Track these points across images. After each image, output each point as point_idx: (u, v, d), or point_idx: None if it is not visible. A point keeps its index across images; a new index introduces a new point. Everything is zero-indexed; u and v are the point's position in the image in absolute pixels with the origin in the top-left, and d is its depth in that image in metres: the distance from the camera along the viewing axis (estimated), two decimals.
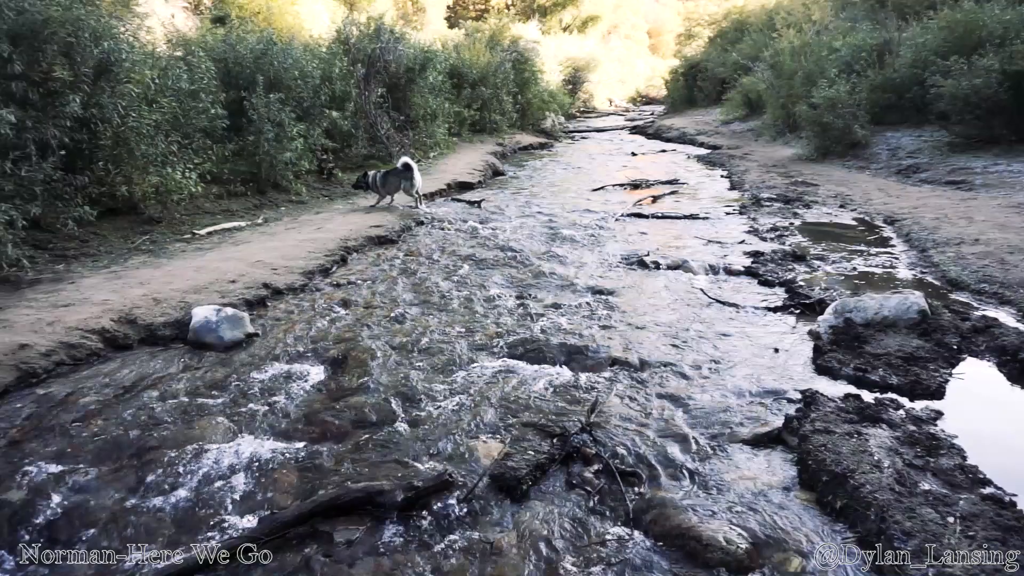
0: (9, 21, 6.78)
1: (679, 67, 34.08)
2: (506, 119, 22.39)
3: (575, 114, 34.93)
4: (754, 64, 20.11)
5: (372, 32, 14.96)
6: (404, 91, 15.59)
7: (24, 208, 6.52)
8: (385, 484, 3.28)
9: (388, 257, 7.80)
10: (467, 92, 20.04)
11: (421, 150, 15.54)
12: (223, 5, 17.78)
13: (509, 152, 19.48)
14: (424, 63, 16.05)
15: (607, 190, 12.82)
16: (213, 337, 5.13)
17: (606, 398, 4.22)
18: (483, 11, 43.42)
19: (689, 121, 25.95)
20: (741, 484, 3.37)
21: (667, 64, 44.25)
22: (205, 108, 9.59)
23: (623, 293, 6.40)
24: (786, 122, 17.15)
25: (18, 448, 3.75)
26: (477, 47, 22.79)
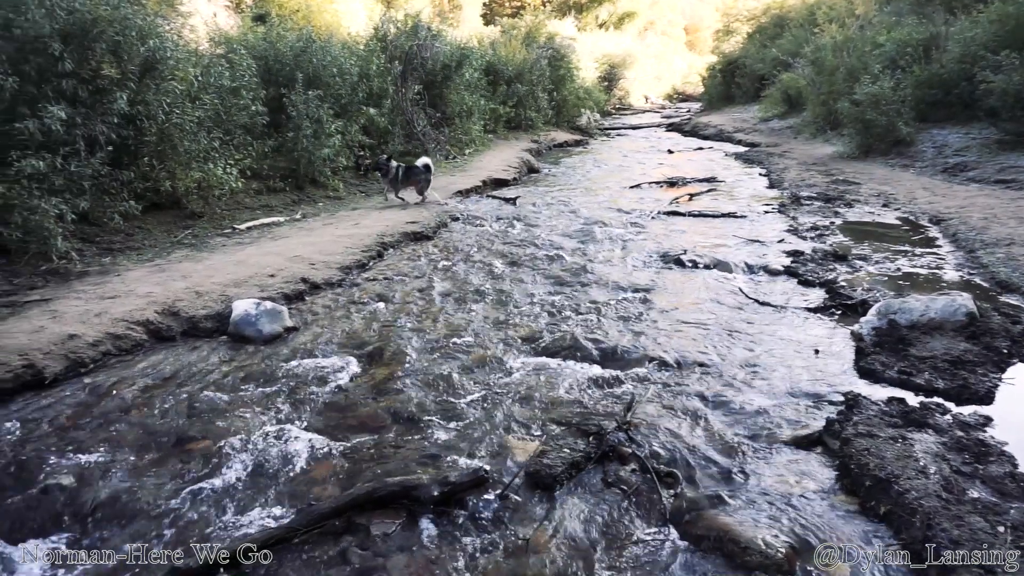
0: (60, 20, 6.97)
1: (716, 63, 33.63)
2: (541, 116, 22.35)
3: (610, 111, 34.74)
4: (794, 60, 19.76)
5: (409, 29, 15.06)
6: (440, 88, 15.67)
7: (73, 202, 6.71)
8: (421, 478, 3.29)
9: (423, 253, 7.84)
10: (503, 89, 20.06)
11: (456, 147, 15.62)
12: (264, 3, 18.04)
13: (544, 149, 19.44)
14: (460, 60, 16.11)
15: (643, 188, 12.71)
16: (252, 330, 5.22)
17: (642, 397, 4.19)
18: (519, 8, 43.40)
19: (726, 118, 25.61)
20: (780, 487, 3.31)
21: (704, 60, 43.73)
22: (246, 105, 9.76)
23: (659, 292, 6.33)
24: (827, 119, 16.82)
25: (67, 435, 3.86)
26: (513, 44, 22.80)
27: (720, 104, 30.88)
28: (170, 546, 2.99)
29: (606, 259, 7.50)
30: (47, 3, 6.89)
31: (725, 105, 30.14)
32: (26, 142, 6.44)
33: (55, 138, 6.62)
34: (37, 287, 5.99)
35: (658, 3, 56.50)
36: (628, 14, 50.67)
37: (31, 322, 4.98)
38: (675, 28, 60.36)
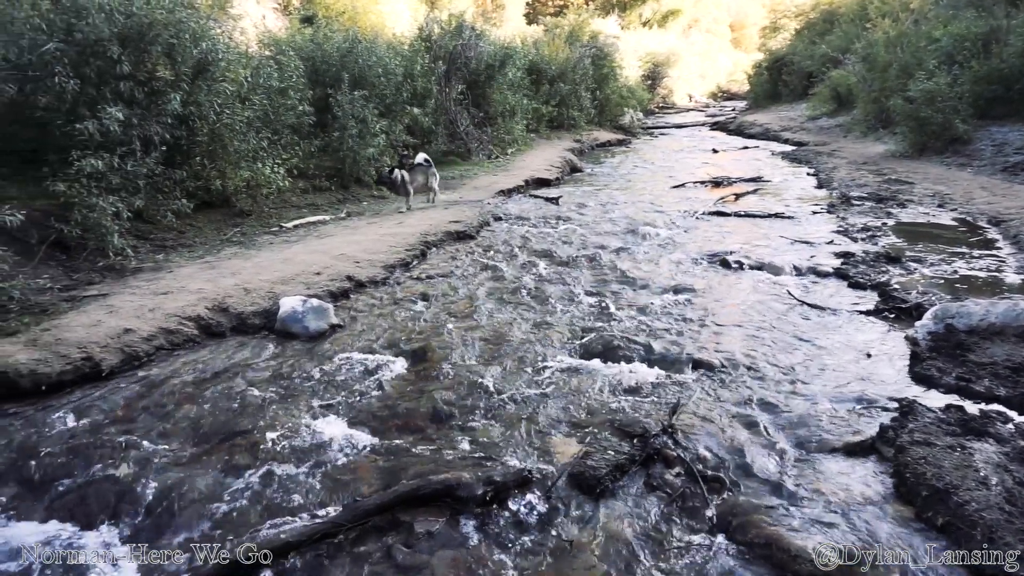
0: (119, 24, 7.19)
1: (763, 61, 33.05)
2: (584, 115, 22.25)
3: (654, 110, 34.39)
4: (844, 57, 19.30)
5: (454, 29, 15.13)
6: (483, 88, 15.72)
7: (129, 200, 6.91)
8: (465, 477, 3.30)
9: (466, 252, 7.87)
10: (545, 88, 20.03)
11: (499, 146, 15.65)
12: (311, 5, 18.34)
13: (587, 148, 19.35)
14: (504, 60, 16.14)
15: (687, 188, 12.56)
16: (299, 327, 5.30)
17: (688, 400, 4.12)
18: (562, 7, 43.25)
19: (773, 117, 25.13)
20: (832, 494, 3.22)
21: (750, 58, 42.99)
22: (293, 105, 9.93)
23: (705, 293, 6.24)
24: (878, 117, 16.37)
25: (123, 426, 3.98)
26: (556, 43, 22.74)
27: (766, 102, 30.31)
28: (219, 537, 3.05)
29: (650, 259, 7.43)
30: (107, 8, 7.12)
31: (771, 103, 29.58)
32: (86, 142, 6.65)
33: (113, 138, 6.83)
34: (95, 282, 6.18)
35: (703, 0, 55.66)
36: (672, 12, 50.04)
37: (89, 316, 5.15)
38: (720, 25, 59.36)
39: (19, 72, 6.74)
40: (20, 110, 6.91)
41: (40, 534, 3.08)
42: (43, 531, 3.10)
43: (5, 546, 2.98)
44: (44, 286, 5.71)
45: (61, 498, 3.34)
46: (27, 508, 3.25)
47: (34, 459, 3.61)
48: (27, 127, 7.11)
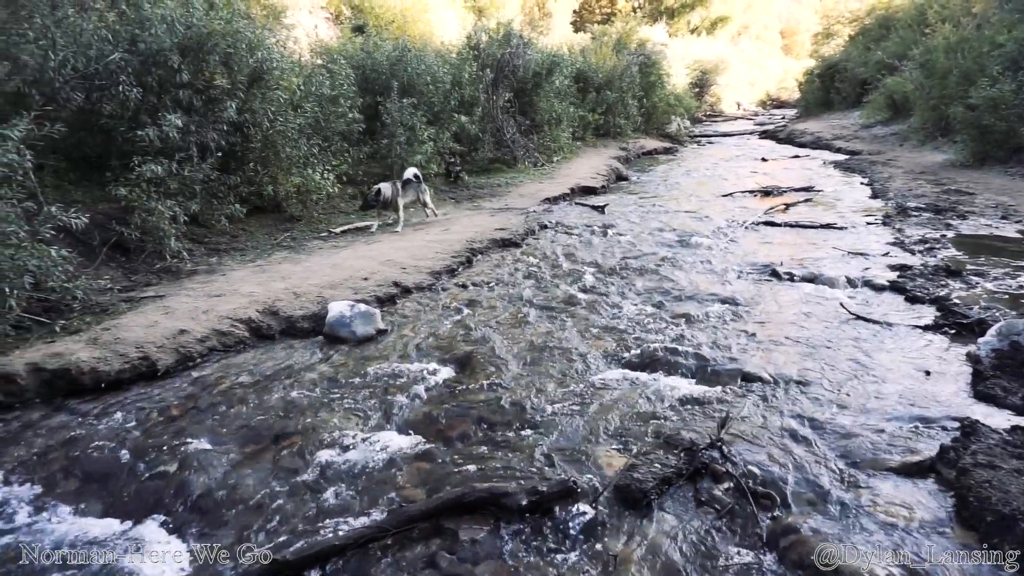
0: (179, 35, 7.44)
1: (814, 68, 32.36)
2: (630, 123, 22.12)
3: (701, 118, 34.02)
4: (901, 63, 18.77)
5: (502, 38, 15.21)
6: (530, 95, 15.76)
7: (185, 205, 7.13)
8: (510, 486, 3.29)
9: (512, 260, 7.88)
10: (592, 96, 19.97)
11: (545, 154, 15.66)
12: (361, 15, 18.68)
13: (633, 157, 19.22)
14: (551, 67, 16.16)
15: (735, 197, 12.35)
16: (347, 331, 5.37)
17: (737, 413, 4.04)
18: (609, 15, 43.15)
19: (824, 125, 24.57)
20: (888, 516, 3.11)
21: (801, 65, 42.18)
22: (343, 113, 10.11)
23: (754, 304, 6.12)
24: (936, 125, 15.88)
25: (176, 424, 4.09)
26: (603, 51, 22.66)
27: (817, 110, 29.68)
28: (267, 538, 3.10)
29: (697, 269, 7.32)
30: (168, 19, 7.38)
31: (823, 111, 28.96)
32: (146, 148, 6.90)
33: (171, 145, 7.07)
34: (152, 284, 6.38)
35: (753, 7, 54.87)
36: (721, 19, 49.50)
37: (146, 317, 5.31)
38: (770, 32, 58.49)
39: (86, 81, 7.03)
40: (87, 117, 7.20)
41: (99, 528, 3.17)
42: (101, 525, 3.20)
43: (67, 539, 3.08)
44: (105, 287, 5.92)
45: (117, 493, 3.46)
46: (87, 502, 3.37)
47: (94, 454, 3.74)
48: (93, 134, 7.40)
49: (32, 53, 6.48)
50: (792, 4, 61.64)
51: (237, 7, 9.03)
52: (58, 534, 3.12)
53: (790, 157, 18.87)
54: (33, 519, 3.23)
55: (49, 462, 3.67)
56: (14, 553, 2.97)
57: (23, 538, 3.09)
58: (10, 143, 5.01)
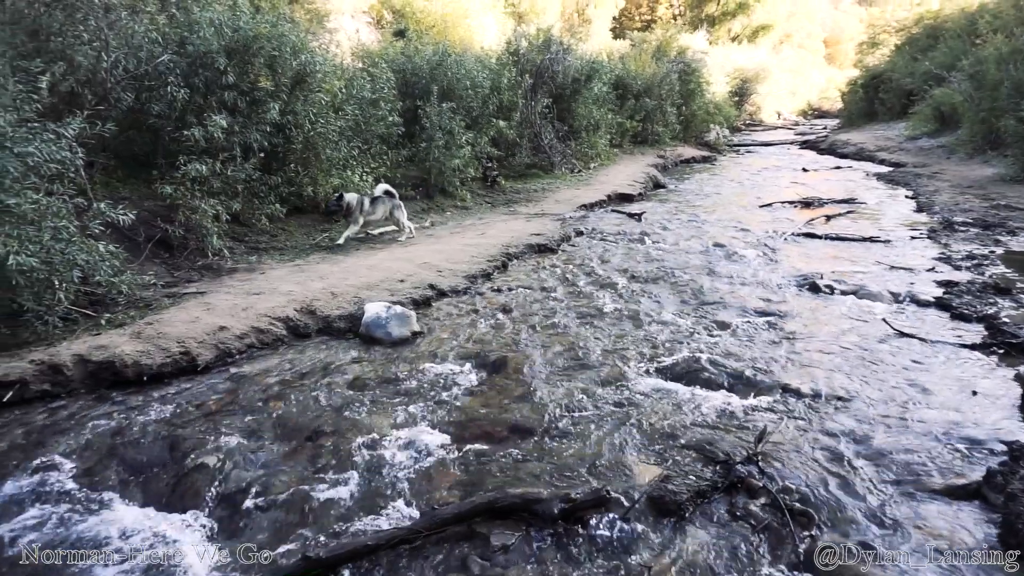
0: (226, 38, 7.61)
1: (858, 78, 31.74)
2: (668, 131, 21.97)
3: (740, 127, 33.63)
4: (949, 74, 18.29)
5: (541, 44, 15.24)
6: (569, 101, 15.76)
7: (228, 204, 7.28)
8: (543, 493, 3.27)
9: (547, 265, 7.86)
10: (630, 103, 19.88)
11: (582, 160, 15.64)
12: (402, 19, 18.89)
13: (670, 164, 19.06)
14: (590, 74, 16.13)
15: (775, 207, 12.15)
16: (382, 332, 5.41)
17: (775, 428, 3.96)
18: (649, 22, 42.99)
19: (868, 136, 24.07)
20: (931, 540, 3.02)
21: (844, 75, 41.46)
22: (383, 116, 10.21)
23: (793, 317, 6.00)
24: (986, 138, 15.42)
25: (214, 419, 4.16)
26: (643, 58, 22.57)
27: (860, 121, 29.10)
28: (301, 534, 3.13)
29: (735, 280, 7.21)
30: (216, 22, 7.55)
31: (866, 122, 28.37)
32: (192, 148, 7.05)
33: (216, 144, 7.21)
34: (194, 280, 6.51)
35: (796, 15, 54.05)
36: (763, 27, 48.88)
37: (188, 312, 5.41)
38: (813, 41, 57.54)
39: (136, 82, 7.21)
40: (136, 117, 7.39)
41: (138, 517, 3.24)
42: (141, 515, 3.26)
43: (108, 526, 3.14)
44: (149, 282, 6.05)
45: (157, 484, 3.53)
46: (129, 491, 3.45)
47: (135, 445, 3.82)
48: (141, 133, 7.60)
49: (86, 54, 6.67)
50: (836, 13, 60.65)
51: (282, 11, 9.20)
52: (99, 522, 3.19)
53: (832, 168, 18.51)
54: (77, 506, 3.30)
55: (93, 451, 3.76)
56: (57, 538, 3.05)
57: (66, 524, 3.16)
58: (64, 141, 5.17)
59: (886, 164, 18.19)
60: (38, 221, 4.78)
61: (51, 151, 4.98)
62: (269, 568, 2.89)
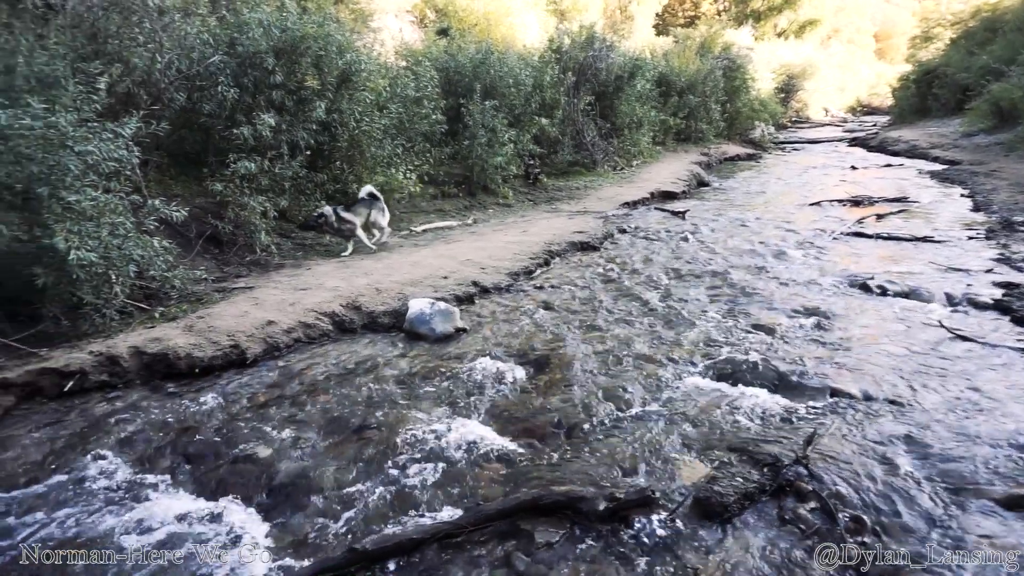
0: (275, 38, 7.75)
1: (910, 73, 30.80)
2: (712, 128, 21.67)
3: (786, 124, 32.95)
4: (1009, 68, 17.65)
5: (584, 41, 15.16)
6: (611, 99, 15.66)
7: (275, 201, 7.42)
8: (587, 491, 3.25)
9: (590, 263, 7.82)
10: (674, 100, 19.67)
11: (624, 158, 15.52)
12: (445, 18, 18.99)
13: (714, 162, 18.78)
14: (633, 71, 15.99)
15: (823, 206, 11.87)
16: (426, 328, 5.45)
17: (826, 431, 3.87)
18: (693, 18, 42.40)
19: (920, 133, 23.35)
20: (991, 550, 2.91)
21: (896, 70, 40.24)
22: (427, 114, 10.28)
23: (843, 318, 5.85)
24: None
25: (263, 411, 4.24)
26: (686, 54, 22.29)
27: (912, 117, 28.24)
28: (347, 526, 3.18)
29: (782, 279, 7.07)
30: (265, 23, 7.69)
31: (918, 118, 27.52)
32: (241, 146, 7.20)
33: (264, 143, 7.35)
34: (242, 275, 6.66)
35: (845, 9, 52.69)
36: (811, 21, 47.77)
37: (237, 307, 5.54)
38: (863, 35, 56.01)
39: (189, 82, 7.40)
40: (188, 116, 7.58)
41: (189, 505, 3.33)
42: (191, 503, 3.35)
43: (160, 513, 3.24)
44: (200, 277, 6.20)
45: (208, 473, 3.61)
46: (181, 481, 3.54)
47: (187, 436, 3.92)
48: (193, 132, 7.79)
49: (141, 56, 6.86)
50: (888, 6, 58.92)
51: (328, 11, 9.33)
52: (152, 508, 3.28)
53: (882, 166, 18.00)
54: (131, 493, 3.41)
55: (148, 440, 3.87)
56: (113, 522, 3.15)
57: (121, 509, 3.26)
58: (121, 140, 5.32)
59: (940, 162, 17.61)
60: (97, 217, 4.93)
61: (109, 150, 5.14)
62: (317, 558, 2.94)
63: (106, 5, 6.85)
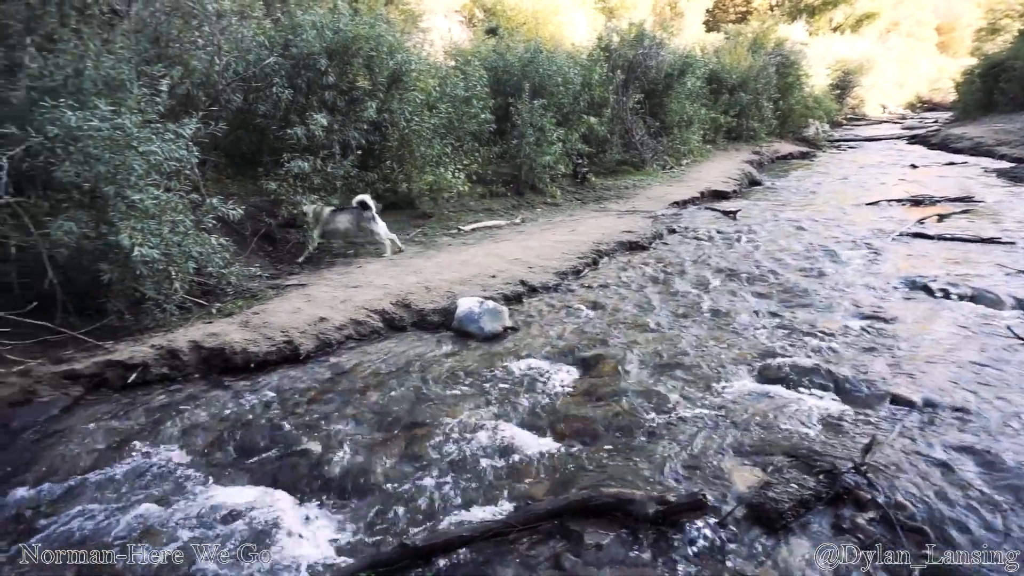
0: (328, 40, 7.89)
1: (975, 67, 29.56)
2: (764, 126, 21.22)
3: (841, 121, 32.06)
4: None
5: (633, 39, 15.01)
6: (661, 97, 15.48)
7: (327, 199, 7.54)
8: (637, 493, 3.22)
9: (638, 263, 7.74)
10: (724, 98, 19.33)
11: (674, 156, 15.33)
12: (494, 18, 19.05)
13: (766, 161, 18.39)
14: (683, 68, 15.77)
15: (880, 206, 11.49)
16: (475, 327, 5.47)
17: (885, 438, 3.75)
18: (745, 13, 41.61)
19: (985, 129, 22.42)
20: None
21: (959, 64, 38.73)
22: (476, 113, 10.32)
23: (902, 322, 5.66)
24: None
25: (315, 407, 4.32)
26: (738, 51, 21.86)
27: (977, 113, 27.11)
28: (396, 522, 3.21)
29: (838, 281, 6.86)
30: (318, 25, 7.83)
31: (983, 114, 26.41)
32: (294, 146, 7.35)
33: (317, 142, 7.50)
34: (295, 273, 6.80)
35: (904, 2, 50.95)
36: (868, 15, 46.32)
37: (290, 303, 5.65)
38: (924, 28, 54.05)
39: (245, 83, 7.58)
40: (244, 117, 7.78)
41: (244, 496, 3.40)
42: (246, 494, 3.43)
43: (216, 503, 3.32)
44: (254, 274, 6.35)
45: (262, 466, 3.69)
46: (238, 472, 3.63)
47: (242, 429, 4.02)
48: (248, 132, 7.99)
49: (200, 59, 7.07)
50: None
51: (379, 12, 9.45)
52: (209, 498, 3.37)
53: (944, 164, 17.34)
54: (189, 483, 3.51)
55: (206, 432, 3.99)
56: (173, 509, 3.25)
57: (178, 499, 3.36)
58: (181, 140, 5.49)
59: (1007, 160, 16.89)
60: (159, 215, 5.10)
61: (171, 150, 5.30)
62: (368, 553, 2.97)
63: (168, 10, 7.08)
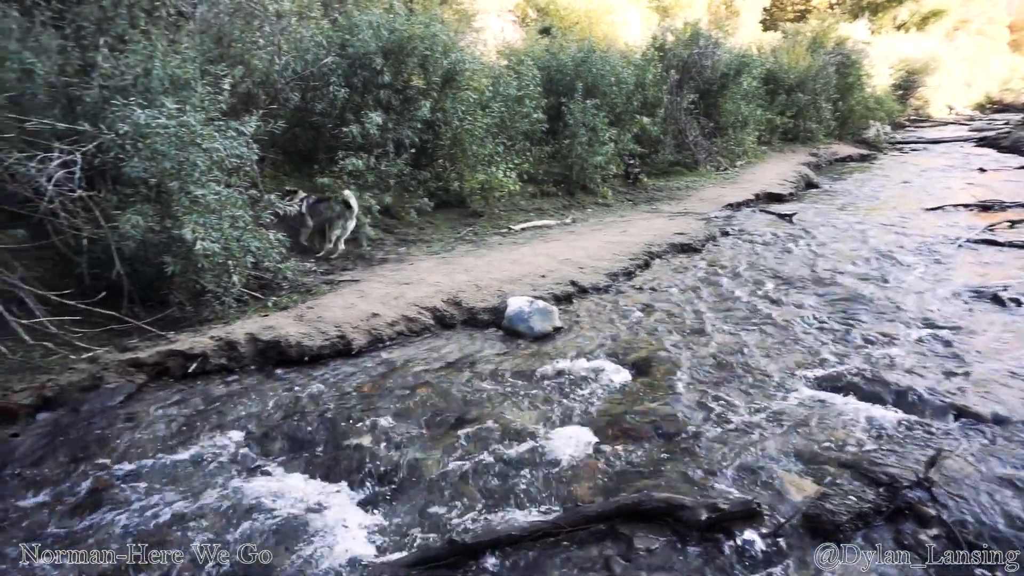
0: (383, 39, 8.00)
1: None
2: (823, 127, 20.66)
3: (904, 123, 30.97)
4: None
5: (688, 38, 14.80)
6: (715, 97, 15.22)
7: (380, 197, 7.67)
8: (688, 499, 3.17)
9: (691, 266, 7.63)
10: (781, 98, 18.88)
11: (728, 158, 15.05)
12: (546, 17, 19.02)
13: (824, 163, 17.89)
14: (739, 68, 15.47)
15: (945, 211, 11.07)
16: (524, 327, 5.47)
17: (951, 452, 3.60)
18: (803, 12, 40.56)
19: None
20: None
21: None
22: (528, 113, 10.32)
23: (970, 332, 5.43)
24: None
25: (367, 400, 4.38)
26: (796, 50, 21.33)
27: None
28: (445, 518, 3.23)
29: (900, 289, 6.64)
30: (374, 25, 7.95)
31: None
32: (349, 144, 7.48)
33: (371, 141, 7.61)
34: (348, 269, 6.90)
35: None
36: (935, 12, 44.58)
37: (344, 299, 5.75)
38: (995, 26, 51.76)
39: (303, 82, 7.74)
40: (301, 115, 7.95)
41: (298, 487, 3.46)
42: (300, 485, 3.49)
43: (272, 493, 3.39)
44: (309, 269, 6.47)
45: (316, 458, 3.76)
46: (292, 463, 3.70)
47: (297, 421, 4.10)
48: (305, 130, 8.16)
49: (261, 58, 7.25)
50: None
51: (434, 12, 9.53)
52: (265, 488, 3.44)
53: (1016, 168, 16.62)
54: (245, 472, 3.60)
55: (262, 423, 4.07)
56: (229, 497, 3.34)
57: (234, 487, 3.44)
58: (242, 137, 5.63)
59: None
60: (219, 210, 5.24)
61: (232, 147, 5.45)
62: (418, 547, 3.00)
63: (231, 11, 7.28)
